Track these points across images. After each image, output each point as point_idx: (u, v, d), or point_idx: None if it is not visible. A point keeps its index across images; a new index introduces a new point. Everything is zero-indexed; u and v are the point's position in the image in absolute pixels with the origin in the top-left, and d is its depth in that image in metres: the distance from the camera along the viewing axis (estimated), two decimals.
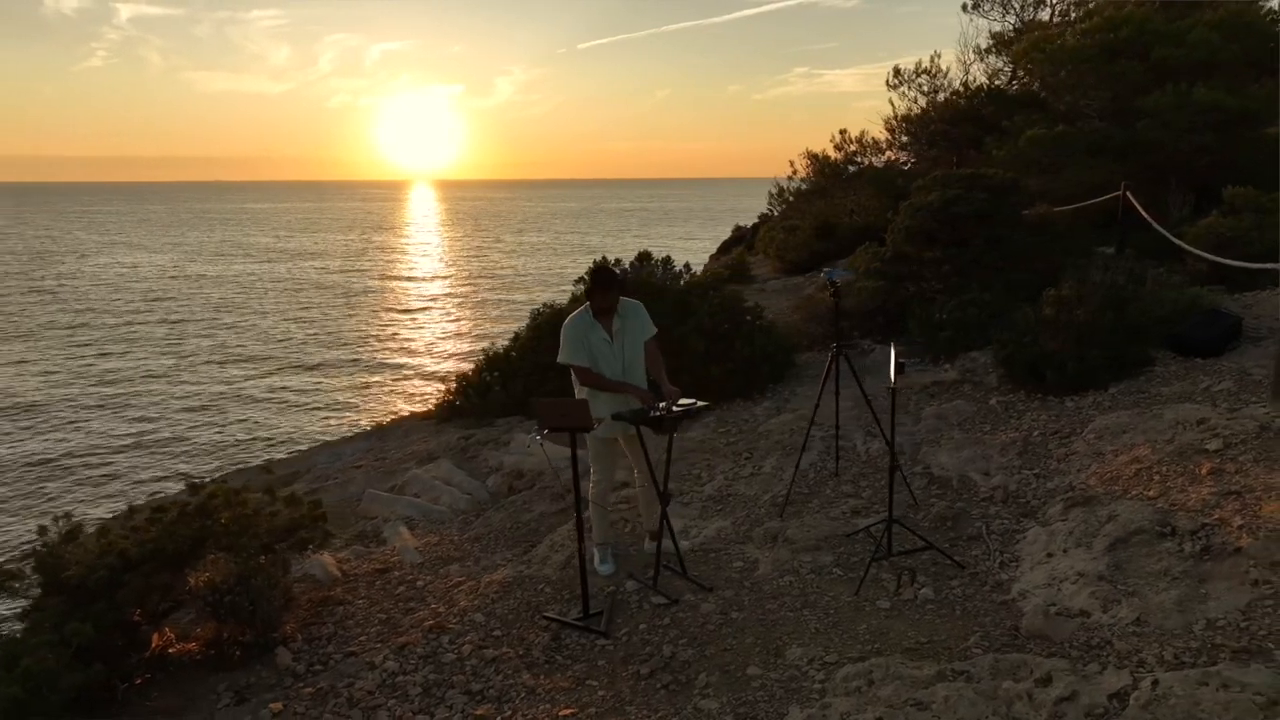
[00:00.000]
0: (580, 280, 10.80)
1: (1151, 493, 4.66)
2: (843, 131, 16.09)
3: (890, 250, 8.75)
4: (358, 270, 46.71)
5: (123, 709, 4.17)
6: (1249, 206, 7.90)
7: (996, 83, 13.28)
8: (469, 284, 40.24)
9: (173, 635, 4.73)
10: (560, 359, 4.69)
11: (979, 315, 7.58)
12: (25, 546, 5.28)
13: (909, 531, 4.67)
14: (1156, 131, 10.14)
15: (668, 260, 10.80)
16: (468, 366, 11.38)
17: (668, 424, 4.55)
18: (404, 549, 5.84)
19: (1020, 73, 12.68)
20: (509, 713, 3.77)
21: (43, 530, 4.50)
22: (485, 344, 14.94)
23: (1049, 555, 4.48)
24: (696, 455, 6.58)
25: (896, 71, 14.36)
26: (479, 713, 3.79)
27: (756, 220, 20.00)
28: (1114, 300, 6.35)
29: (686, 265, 10.80)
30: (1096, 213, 10.32)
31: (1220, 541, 4.05)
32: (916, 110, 13.98)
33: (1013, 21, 13.76)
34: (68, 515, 4.68)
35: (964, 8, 14.15)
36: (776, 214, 17.58)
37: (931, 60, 13.91)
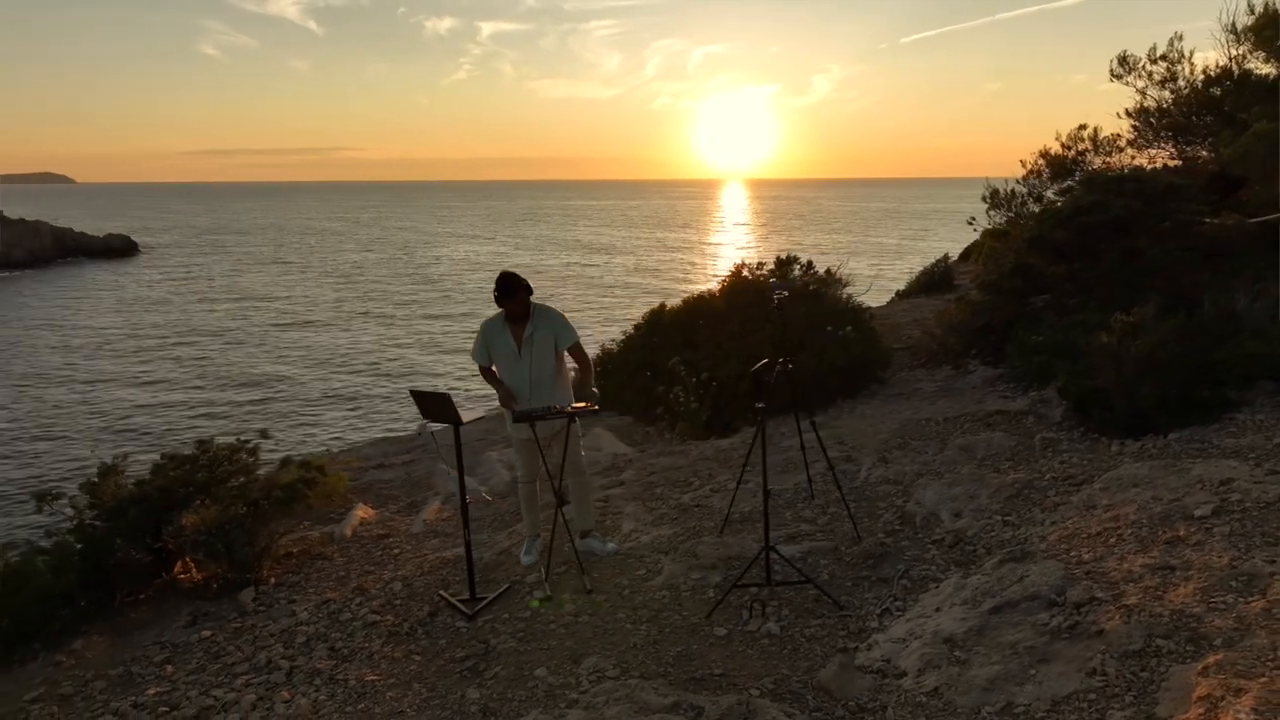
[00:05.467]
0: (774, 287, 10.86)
1: (1087, 556, 3.99)
2: (1082, 127, 14.32)
3: (1012, 261, 7.90)
4: (654, 269, 49.20)
5: (114, 615, 5.16)
6: None
7: (1249, 67, 11.10)
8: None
9: (192, 564, 5.71)
10: (472, 356, 4.99)
11: (1080, 339, 6.66)
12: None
13: (788, 564, 4.40)
14: None
15: (810, 265, 10.56)
16: None
17: (557, 421, 4.71)
18: (417, 520, 6.46)
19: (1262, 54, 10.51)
20: (341, 670, 4.18)
21: (102, 464, 5.66)
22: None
23: (937, 610, 4.02)
24: (705, 464, 6.51)
25: (1122, 59, 12.49)
26: (319, 665, 4.24)
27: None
28: (1192, 331, 5.34)
29: (829, 270, 10.48)
30: None
31: (1091, 620, 3.43)
32: (1152, 103, 12.09)
33: None
34: (125, 455, 5.81)
35: None
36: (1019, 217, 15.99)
37: (1170, 44, 11.94)
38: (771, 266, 10.45)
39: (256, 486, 5.57)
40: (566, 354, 4.98)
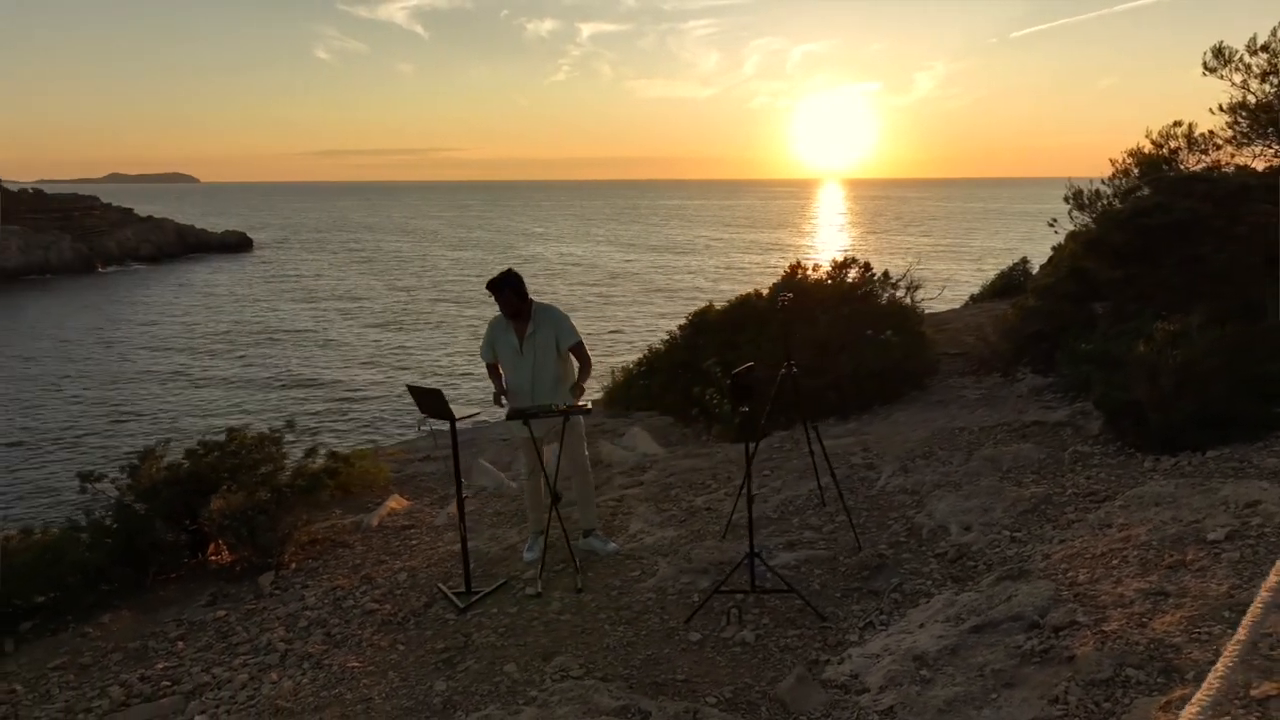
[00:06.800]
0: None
1: (1084, 577, 3.78)
2: (1176, 123, 13.53)
3: (1068, 265, 7.54)
4: (743, 269, 48.87)
5: (145, 592, 5.45)
6: None
7: None
8: None
9: (224, 547, 5.97)
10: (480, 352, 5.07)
11: (1124, 349, 6.30)
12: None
13: (772, 572, 4.30)
14: None
15: (867, 266, 10.34)
16: None
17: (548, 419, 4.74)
18: (442, 513, 6.59)
19: None
20: (329, 656, 4.31)
21: (144, 448, 5.97)
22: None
23: (920, 626, 3.88)
24: (726, 467, 6.43)
25: (1217, 52, 11.68)
26: (311, 650, 4.38)
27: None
28: (1244, 342, 4.99)
29: (885, 274, 10.22)
30: None
31: (1065, 645, 3.25)
32: (1252, 98, 11.30)
33: None
34: (167, 441, 6.13)
35: None
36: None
37: (1273, 34, 11.10)
38: (829, 268, 10.26)
39: (283, 475, 5.79)
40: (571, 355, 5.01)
